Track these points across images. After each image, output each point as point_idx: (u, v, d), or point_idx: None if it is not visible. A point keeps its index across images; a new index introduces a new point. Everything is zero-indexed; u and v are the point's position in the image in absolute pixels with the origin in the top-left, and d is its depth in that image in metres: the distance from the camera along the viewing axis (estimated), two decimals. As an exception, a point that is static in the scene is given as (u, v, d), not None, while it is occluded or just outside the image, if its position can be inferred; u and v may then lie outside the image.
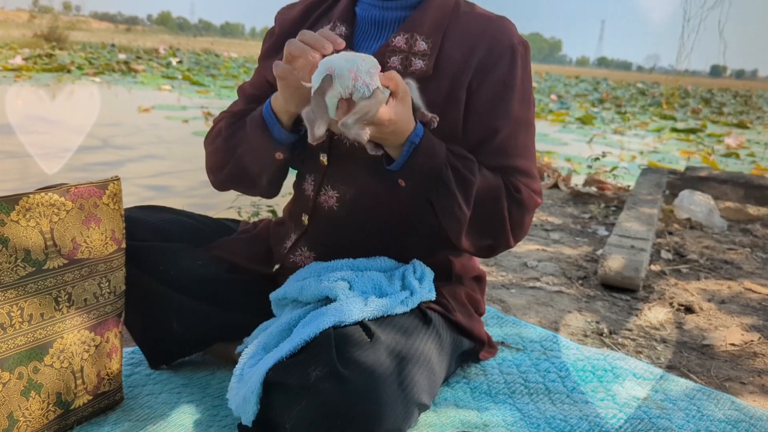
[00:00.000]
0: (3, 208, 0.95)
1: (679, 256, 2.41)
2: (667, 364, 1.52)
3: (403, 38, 1.13)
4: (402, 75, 1.08)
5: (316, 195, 1.19)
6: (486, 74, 1.11)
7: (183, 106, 8.72)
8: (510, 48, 1.13)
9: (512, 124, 1.13)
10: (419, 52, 1.12)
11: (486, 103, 1.12)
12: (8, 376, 0.96)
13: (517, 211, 1.13)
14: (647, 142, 8.49)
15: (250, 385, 0.97)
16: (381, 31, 1.18)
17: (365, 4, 1.19)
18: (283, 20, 1.27)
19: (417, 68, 1.11)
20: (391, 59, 1.12)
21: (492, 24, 1.15)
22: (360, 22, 1.19)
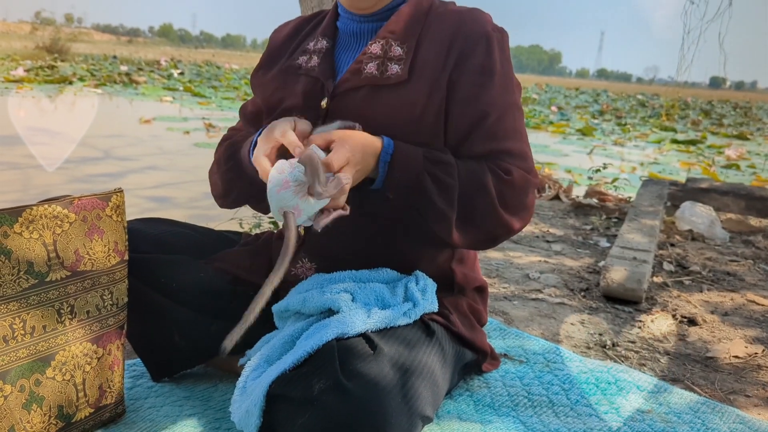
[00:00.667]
0: (6, 220, 0.95)
1: (682, 268, 2.40)
2: (670, 377, 1.51)
3: (379, 45, 1.16)
4: (378, 79, 1.13)
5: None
6: (464, 64, 1.13)
7: (184, 117, 8.75)
8: (485, 35, 1.14)
9: (497, 109, 1.13)
10: (395, 57, 1.15)
11: (468, 92, 1.13)
12: (10, 389, 0.96)
13: (511, 192, 1.11)
14: (647, 154, 8.50)
15: (253, 398, 0.96)
16: (359, 42, 1.22)
17: (345, 18, 1.24)
18: (276, 37, 1.34)
19: (393, 72, 1.13)
20: (368, 66, 1.15)
21: (464, 16, 1.17)
22: (341, 35, 1.25)
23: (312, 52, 1.23)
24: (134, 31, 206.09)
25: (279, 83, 1.25)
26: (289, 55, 1.27)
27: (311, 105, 1.18)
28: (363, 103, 1.14)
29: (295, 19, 1.35)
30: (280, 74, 1.25)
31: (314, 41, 1.25)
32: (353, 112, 1.13)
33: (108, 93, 11.57)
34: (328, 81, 1.18)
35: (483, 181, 1.10)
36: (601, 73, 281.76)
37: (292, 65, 1.24)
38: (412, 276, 1.19)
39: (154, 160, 5.63)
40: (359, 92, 1.14)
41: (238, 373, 1.32)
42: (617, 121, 14.05)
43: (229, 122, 8.40)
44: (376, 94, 1.13)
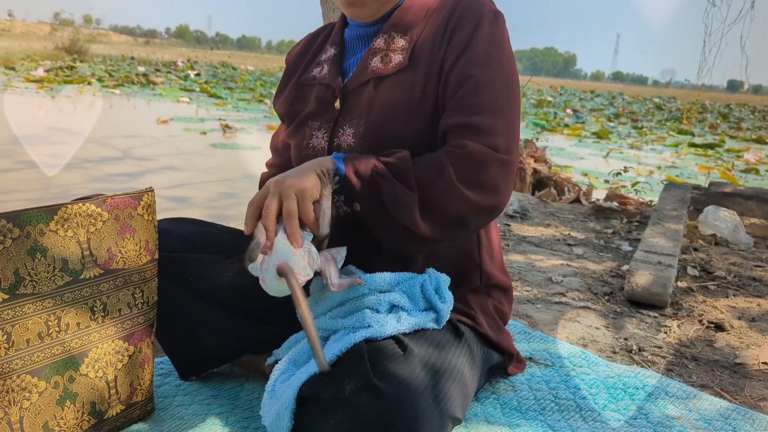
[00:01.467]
0: (42, 218, 0.95)
1: (706, 273, 2.37)
2: (699, 383, 1.49)
3: (383, 39, 1.19)
4: (383, 70, 1.15)
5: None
6: (450, 41, 1.13)
7: (201, 118, 8.80)
8: (476, 16, 1.13)
9: (473, 82, 1.08)
10: (398, 48, 1.17)
11: (449, 67, 1.11)
12: (44, 385, 0.96)
13: (466, 166, 1.04)
14: (664, 157, 8.43)
15: (284, 401, 0.96)
16: (366, 43, 1.24)
17: (352, 25, 1.27)
18: (289, 58, 1.39)
19: (396, 62, 1.15)
20: (373, 60, 1.17)
21: (460, 3, 1.16)
22: (348, 41, 1.27)
23: (323, 63, 1.27)
24: (151, 33, 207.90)
25: (296, 96, 1.29)
26: (304, 69, 1.31)
27: (325, 109, 1.21)
28: (369, 95, 1.16)
29: (305, 37, 1.40)
30: (297, 88, 1.30)
31: (325, 52, 1.29)
32: (361, 106, 1.16)
33: (126, 93, 11.67)
34: (336, 84, 1.20)
35: (438, 160, 1.05)
36: (617, 75, 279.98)
37: (307, 78, 1.28)
38: (426, 276, 1.15)
39: (171, 161, 5.67)
40: (366, 86, 1.17)
41: (265, 372, 1.33)
42: (633, 124, 13.95)
43: (245, 123, 8.45)
44: (381, 84, 1.16)
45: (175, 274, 1.23)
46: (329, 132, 1.19)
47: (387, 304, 1.10)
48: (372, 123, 1.14)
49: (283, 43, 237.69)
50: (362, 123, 1.15)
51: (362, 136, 1.15)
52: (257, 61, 48.76)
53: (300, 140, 1.23)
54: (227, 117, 9.04)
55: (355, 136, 1.16)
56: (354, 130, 1.16)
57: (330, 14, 2.74)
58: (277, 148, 1.41)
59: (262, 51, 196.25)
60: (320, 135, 1.20)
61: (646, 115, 17.46)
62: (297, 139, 1.25)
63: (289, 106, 1.30)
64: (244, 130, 7.82)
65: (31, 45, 26.53)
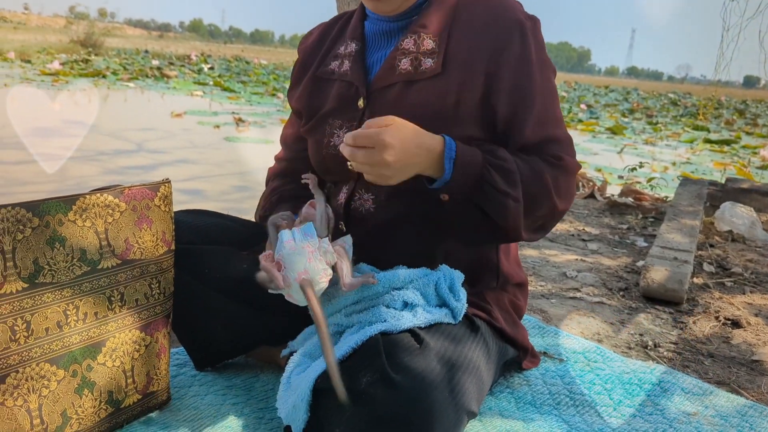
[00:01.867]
0: (61, 208, 0.96)
1: (723, 269, 2.35)
2: (715, 380, 1.48)
3: (411, 40, 1.16)
4: (412, 74, 1.14)
5: (349, 201, 1.20)
6: (501, 55, 1.12)
7: (214, 111, 8.83)
8: (518, 24, 1.13)
9: (541, 97, 1.13)
10: (427, 51, 1.15)
11: (511, 83, 1.12)
12: (63, 374, 0.97)
13: (564, 178, 1.12)
14: (679, 153, 8.35)
15: (300, 393, 0.96)
16: (390, 40, 1.22)
17: (373, 19, 1.24)
18: (303, 48, 1.34)
19: (427, 66, 1.14)
20: (401, 62, 1.15)
21: (494, 6, 1.16)
22: (369, 36, 1.24)
23: (343, 57, 1.24)
24: (165, 26, 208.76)
25: (313, 90, 1.26)
26: (320, 61, 1.28)
27: (347, 107, 1.19)
28: (398, 97, 1.15)
29: (318, 27, 1.36)
30: (314, 82, 1.27)
31: (344, 45, 1.25)
32: (389, 108, 1.13)
33: (140, 87, 11.73)
34: (360, 82, 1.18)
35: (539, 169, 1.10)
36: (632, 71, 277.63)
37: (325, 71, 1.25)
38: (439, 272, 1.15)
39: (185, 154, 5.69)
40: (393, 88, 1.15)
41: (279, 363, 1.33)
42: (648, 119, 13.82)
43: (258, 117, 8.47)
44: (411, 88, 1.14)
45: (191, 265, 1.24)
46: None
47: (401, 302, 1.09)
48: None
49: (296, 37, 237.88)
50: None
51: None
52: (270, 55, 48.83)
53: (320, 138, 1.22)
54: (240, 111, 9.06)
55: None
56: None
57: (344, 7, 2.73)
58: (287, 142, 1.39)
59: (276, 45, 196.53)
60: (342, 134, 1.18)
61: (661, 111, 17.30)
62: (316, 136, 1.23)
63: (306, 100, 1.27)
64: (257, 123, 7.83)
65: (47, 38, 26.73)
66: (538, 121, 1.13)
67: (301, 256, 1.00)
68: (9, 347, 0.90)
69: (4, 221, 0.88)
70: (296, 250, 1.00)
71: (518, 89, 1.12)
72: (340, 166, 1.18)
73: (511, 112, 1.12)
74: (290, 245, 1.01)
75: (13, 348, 0.90)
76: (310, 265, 1.00)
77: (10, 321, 0.90)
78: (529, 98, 1.12)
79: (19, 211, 0.90)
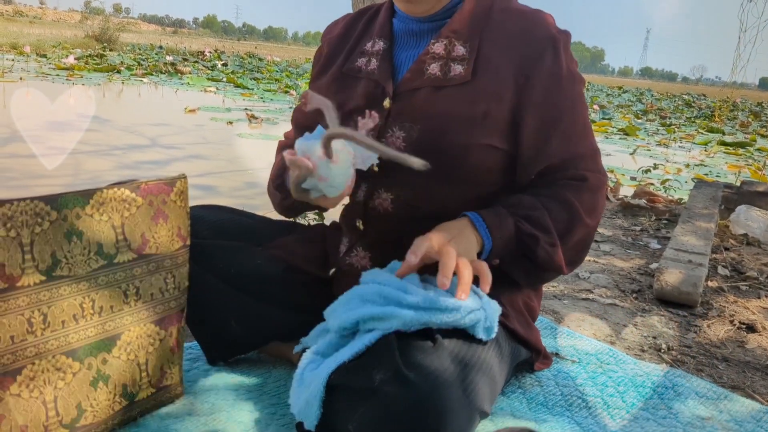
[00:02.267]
0: (79, 202, 0.97)
1: (738, 273, 2.33)
2: (730, 384, 1.46)
3: (442, 44, 1.15)
4: (441, 80, 1.13)
5: (368, 200, 1.19)
6: (533, 68, 1.11)
7: (227, 108, 8.85)
8: (551, 38, 1.13)
9: (569, 110, 1.14)
10: (458, 57, 1.13)
11: (540, 96, 1.12)
12: (78, 366, 0.98)
13: (589, 195, 1.15)
14: (693, 155, 8.28)
15: (313, 389, 0.97)
16: (419, 41, 1.21)
17: (402, 17, 1.22)
18: (329, 40, 1.33)
19: (456, 73, 1.13)
20: (430, 66, 1.14)
21: (527, 18, 1.16)
22: (398, 35, 1.23)
23: (370, 54, 1.23)
24: (179, 22, 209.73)
25: (339, 86, 1.25)
26: (346, 56, 1.27)
27: (372, 107, 1.18)
28: (425, 102, 1.14)
29: (343, 19, 1.35)
30: (339, 77, 1.25)
31: (371, 42, 1.24)
32: (415, 112, 1.14)
33: (154, 82, 11.79)
34: (387, 82, 1.17)
35: (565, 199, 1.13)
36: (645, 71, 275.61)
37: (352, 68, 1.24)
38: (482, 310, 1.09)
39: (198, 149, 5.70)
40: (421, 92, 1.14)
41: (292, 360, 1.34)
42: (662, 121, 13.71)
43: (271, 114, 8.48)
44: (438, 93, 1.13)
45: (206, 260, 1.24)
46: (376, 131, 1.16)
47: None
48: (428, 131, 1.12)
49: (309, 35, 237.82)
50: (415, 129, 1.13)
51: (415, 142, 1.12)
52: (283, 52, 48.92)
53: None
54: (253, 107, 9.08)
55: (406, 141, 1.13)
56: (405, 134, 1.14)
57: (359, 5, 2.73)
58: (300, 124, 1.37)
59: (289, 42, 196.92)
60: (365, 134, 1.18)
61: (674, 112, 17.15)
62: None
63: (334, 95, 1.24)
64: (269, 120, 7.85)
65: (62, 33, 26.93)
66: (565, 137, 1.14)
67: (316, 139, 0.99)
68: (26, 339, 0.91)
69: (23, 214, 0.89)
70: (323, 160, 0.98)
71: (547, 103, 1.12)
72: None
73: (538, 126, 1.12)
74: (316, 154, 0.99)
75: (30, 340, 0.91)
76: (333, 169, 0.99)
77: (28, 313, 0.91)
78: (556, 112, 1.13)
79: (37, 205, 0.91)
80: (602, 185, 1.17)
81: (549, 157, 1.14)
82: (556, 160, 1.15)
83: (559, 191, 1.13)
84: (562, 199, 1.13)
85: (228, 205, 1.49)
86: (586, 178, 1.15)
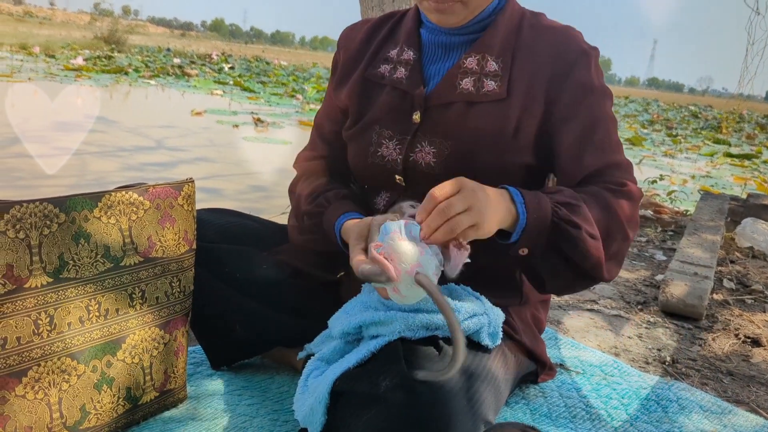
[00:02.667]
0: (87, 204, 0.97)
1: (743, 286, 2.32)
2: (734, 398, 1.46)
3: (474, 59, 1.13)
4: (474, 95, 1.10)
5: (388, 209, 1.19)
6: (563, 81, 1.11)
7: (234, 111, 8.88)
8: (581, 52, 1.13)
9: (602, 123, 1.13)
10: (491, 72, 1.12)
11: (573, 109, 1.11)
12: (83, 369, 0.98)
13: (629, 204, 1.08)
14: (699, 167, 8.26)
15: (317, 396, 0.96)
16: (449, 53, 1.18)
17: (431, 28, 1.19)
18: (348, 47, 1.27)
19: (490, 89, 1.11)
20: (463, 81, 1.12)
21: (558, 34, 1.15)
22: (426, 45, 1.20)
23: (396, 62, 1.19)
24: (187, 25, 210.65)
25: (361, 92, 1.21)
26: (368, 62, 1.23)
27: (399, 118, 1.16)
28: (457, 118, 1.12)
29: (363, 23, 1.30)
30: (361, 83, 1.22)
31: (397, 49, 1.20)
32: (447, 127, 1.12)
33: (161, 84, 11.84)
34: (417, 94, 1.14)
35: (605, 200, 1.06)
36: (652, 81, 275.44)
37: (374, 73, 1.20)
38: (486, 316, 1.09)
39: (204, 152, 5.73)
40: (453, 107, 1.12)
41: (295, 366, 1.34)
42: (668, 131, 13.70)
43: (277, 118, 8.50)
44: (471, 109, 1.12)
45: (212, 264, 1.25)
46: (404, 145, 1.14)
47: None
48: (459, 147, 1.11)
49: (317, 40, 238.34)
50: (447, 145, 1.12)
51: (447, 159, 1.11)
52: (290, 57, 49.07)
53: (365, 145, 1.19)
54: (259, 111, 9.11)
55: (437, 156, 1.12)
56: (436, 149, 1.12)
57: (368, 12, 2.74)
58: (329, 139, 1.29)
59: (296, 46, 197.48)
60: (392, 146, 1.15)
61: (681, 123, 17.14)
62: (361, 143, 1.20)
63: (357, 100, 1.21)
64: (275, 124, 7.87)
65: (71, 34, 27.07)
66: (599, 148, 1.12)
67: (413, 247, 0.90)
68: (32, 341, 0.91)
69: (32, 216, 0.89)
70: (407, 241, 0.91)
71: (579, 117, 1.12)
72: (386, 176, 1.18)
73: (572, 140, 1.11)
74: (397, 236, 0.91)
75: (36, 342, 0.91)
76: (423, 258, 0.90)
77: (34, 315, 0.91)
78: (589, 126, 1.11)
79: (46, 207, 0.91)
80: (639, 196, 1.12)
81: (585, 167, 1.11)
82: (593, 169, 1.11)
83: (599, 194, 1.07)
84: (603, 201, 1.06)
85: (233, 208, 1.50)
86: (626, 184, 1.10)
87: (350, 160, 1.24)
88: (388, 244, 0.90)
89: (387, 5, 2.50)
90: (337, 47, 1.31)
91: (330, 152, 1.29)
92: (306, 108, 9.98)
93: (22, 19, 45.40)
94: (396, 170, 1.16)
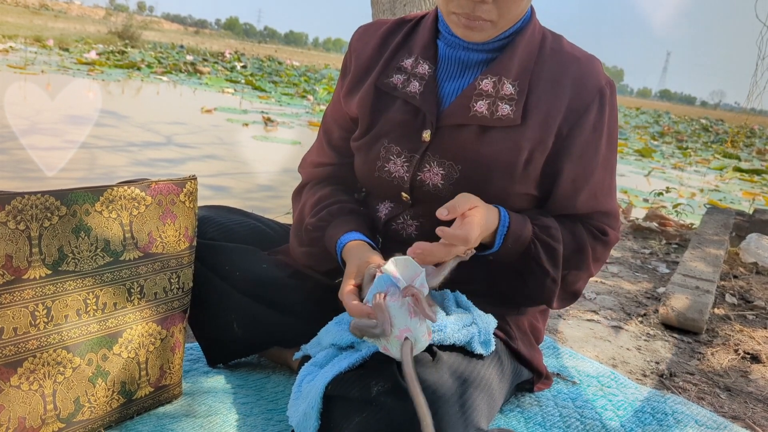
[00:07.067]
0: (89, 198, 0.98)
1: (745, 302, 2.31)
2: (731, 414, 1.45)
3: (491, 81, 1.10)
4: (488, 119, 1.09)
5: (390, 220, 1.20)
6: (577, 119, 1.11)
7: (244, 109, 8.91)
8: (599, 92, 1.12)
9: (602, 168, 1.16)
10: (506, 96, 1.10)
11: (578, 149, 1.12)
12: (79, 362, 0.99)
13: (602, 249, 1.19)
14: (708, 180, 8.22)
15: (310, 400, 0.96)
16: (465, 71, 1.15)
17: (449, 40, 1.15)
18: (360, 53, 1.23)
19: (504, 114, 1.09)
20: (477, 103, 1.10)
21: (580, 66, 1.13)
22: (442, 60, 1.16)
23: (411, 74, 1.15)
24: (201, 23, 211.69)
25: (371, 102, 1.18)
26: (381, 69, 1.18)
27: (408, 134, 1.14)
28: (469, 141, 1.10)
29: (376, 27, 1.25)
30: (373, 93, 1.18)
31: (412, 60, 1.16)
32: (458, 151, 1.11)
33: (173, 81, 11.89)
34: (430, 112, 1.12)
35: (582, 241, 1.15)
36: (664, 93, 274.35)
37: (387, 83, 1.17)
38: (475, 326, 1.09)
39: (213, 150, 5.74)
40: (465, 129, 1.10)
41: (291, 366, 1.34)
42: (678, 144, 13.64)
43: (287, 118, 8.52)
44: (484, 134, 1.10)
45: (211, 261, 1.25)
46: (413, 164, 1.13)
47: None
48: (470, 173, 1.10)
49: (330, 41, 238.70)
50: (456, 168, 1.11)
51: (456, 183, 1.10)
52: (303, 57, 49.19)
53: (372, 159, 1.17)
54: (270, 110, 9.13)
55: (445, 179, 1.11)
56: (445, 171, 1.11)
57: (379, 15, 2.75)
58: (333, 143, 1.27)
59: (309, 47, 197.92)
60: (400, 162, 1.14)
61: (691, 136, 17.06)
62: (368, 155, 1.18)
63: (367, 110, 1.18)
64: (285, 124, 7.89)
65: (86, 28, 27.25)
66: (593, 194, 1.15)
67: (403, 311, 0.92)
68: (28, 332, 0.92)
69: (33, 208, 0.90)
70: (400, 302, 0.93)
71: (583, 158, 1.13)
72: (393, 191, 1.18)
73: (571, 179, 1.13)
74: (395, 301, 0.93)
75: (32, 333, 0.92)
76: (412, 321, 0.92)
77: (32, 306, 0.92)
78: (589, 170, 1.14)
79: (48, 199, 0.92)
80: (615, 243, 1.21)
81: (576, 209, 1.16)
82: (582, 212, 1.17)
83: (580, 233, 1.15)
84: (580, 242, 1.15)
85: (240, 207, 1.50)
86: (607, 233, 1.18)
87: (357, 170, 1.23)
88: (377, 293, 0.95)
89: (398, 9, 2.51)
90: (349, 49, 1.26)
91: (338, 160, 1.27)
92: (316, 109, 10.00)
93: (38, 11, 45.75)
94: (403, 188, 1.16)
